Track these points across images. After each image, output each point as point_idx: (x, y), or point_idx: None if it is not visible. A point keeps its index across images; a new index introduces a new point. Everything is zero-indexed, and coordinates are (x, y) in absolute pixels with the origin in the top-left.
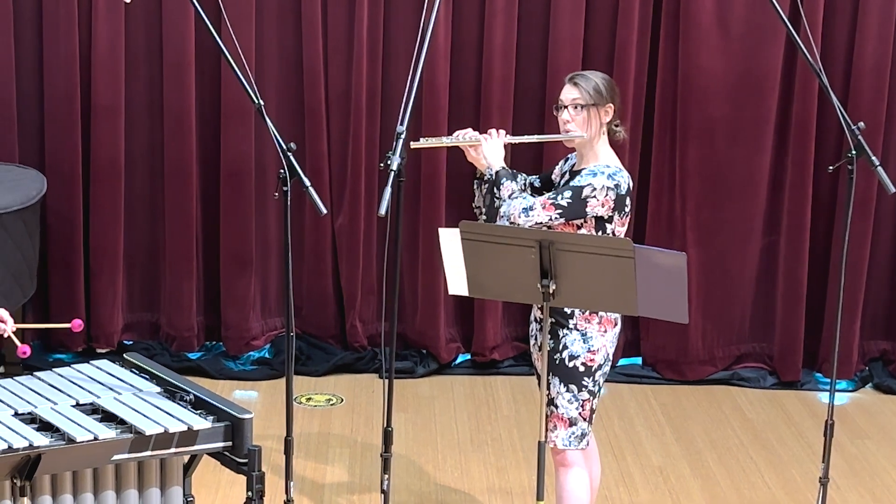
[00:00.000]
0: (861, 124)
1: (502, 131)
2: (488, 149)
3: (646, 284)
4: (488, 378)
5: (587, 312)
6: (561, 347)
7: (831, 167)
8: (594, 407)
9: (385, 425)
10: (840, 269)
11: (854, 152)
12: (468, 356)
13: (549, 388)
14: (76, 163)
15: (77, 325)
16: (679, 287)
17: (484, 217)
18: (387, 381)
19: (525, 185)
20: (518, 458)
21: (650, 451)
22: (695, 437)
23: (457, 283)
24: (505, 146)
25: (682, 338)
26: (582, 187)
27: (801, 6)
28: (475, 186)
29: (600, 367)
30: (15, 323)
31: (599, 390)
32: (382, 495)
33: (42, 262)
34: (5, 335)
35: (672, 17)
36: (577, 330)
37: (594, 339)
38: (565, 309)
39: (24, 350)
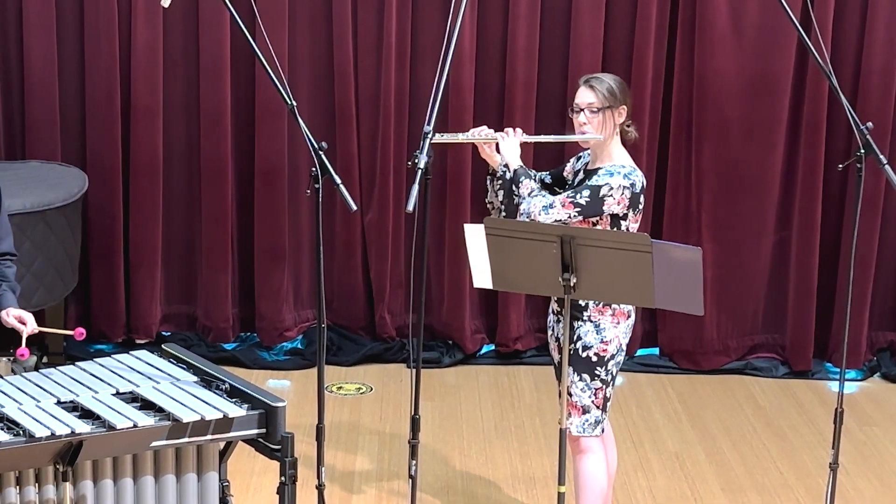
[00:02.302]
0: (869, 124)
1: (518, 130)
2: (505, 147)
3: (663, 278)
4: (512, 368)
5: (601, 304)
6: (575, 338)
7: (841, 165)
8: (608, 395)
9: (412, 413)
10: (849, 263)
11: (863, 151)
12: (492, 347)
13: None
14: (116, 161)
15: (79, 333)
16: (695, 280)
17: (504, 213)
18: (414, 370)
19: (534, 177)
20: (540, 445)
21: (667, 437)
22: (710, 424)
23: (481, 276)
24: (522, 145)
25: (698, 329)
26: (599, 186)
27: (812, 11)
28: (488, 182)
29: (613, 356)
30: (36, 325)
31: (613, 379)
32: (410, 480)
33: (84, 256)
34: (24, 335)
35: (688, 21)
36: (591, 321)
37: (607, 330)
38: (579, 301)
39: (22, 353)
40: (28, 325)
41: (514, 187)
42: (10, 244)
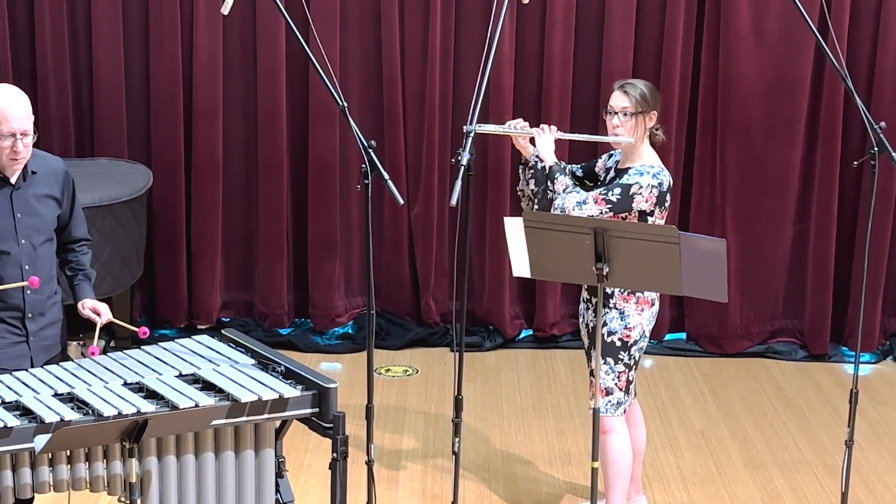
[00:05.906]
0: (883, 124)
1: (553, 127)
2: (541, 143)
3: (689, 267)
4: (548, 351)
5: (626, 293)
6: (601, 324)
7: (856, 162)
8: (631, 378)
9: (456, 394)
10: (863, 254)
11: (876, 149)
12: (530, 332)
13: (591, 361)
14: (179, 158)
15: (143, 332)
16: (719, 270)
17: (534, 201)
18: (457, 354)
19: (567, 172)
20: (575, 424)
21: (693, 416)
22: (733, 404)
23: (520, 266)
24: (557, 142)
25: (722, 315)
26: (630, 185)
27: (829, 17)
28: (520, 171)
29: (636, 342)
30: (111, 315)
31: (636, 363)
32: (453, 457)
33: (148, 247)
34: (98, 325)
35: (713, 27)
36: (616, 308)
37: (631, 317)
38: (606, 289)
39: (93, 350)
40: (102, 316)
41: (549, 183)
42: (85, 230)
